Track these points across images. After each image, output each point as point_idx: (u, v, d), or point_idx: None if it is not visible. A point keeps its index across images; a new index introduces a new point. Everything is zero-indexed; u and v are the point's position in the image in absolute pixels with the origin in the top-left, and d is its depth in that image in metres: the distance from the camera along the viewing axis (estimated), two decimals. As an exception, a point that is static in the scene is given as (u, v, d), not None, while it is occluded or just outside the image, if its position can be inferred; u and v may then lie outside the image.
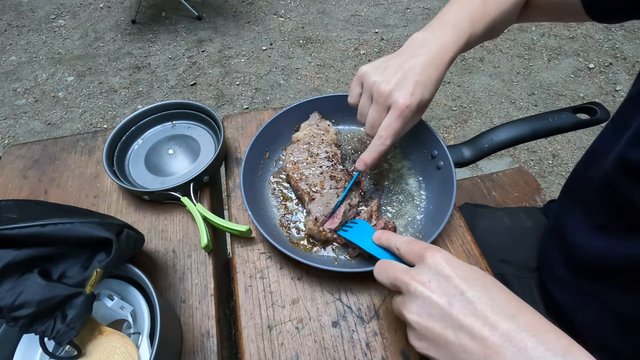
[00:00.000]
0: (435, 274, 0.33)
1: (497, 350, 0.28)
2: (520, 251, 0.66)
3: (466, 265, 0.34)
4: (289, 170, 0.56)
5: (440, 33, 0.48)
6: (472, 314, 0.30)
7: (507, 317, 0.29)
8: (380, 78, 0.47)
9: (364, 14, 2.47)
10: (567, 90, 1.97)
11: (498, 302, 0.31)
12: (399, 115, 0.45)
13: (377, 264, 0.39)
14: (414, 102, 0.45)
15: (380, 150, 0.47)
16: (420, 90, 0.46)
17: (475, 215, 0.72)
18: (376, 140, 0.47)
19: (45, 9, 2.58)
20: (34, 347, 0.42)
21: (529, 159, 1.73)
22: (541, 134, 0.56)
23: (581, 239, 0.52)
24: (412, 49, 0.48)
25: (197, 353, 0.45)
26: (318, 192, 0.53)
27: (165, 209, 0.57)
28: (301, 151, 0.57)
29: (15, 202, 0.43)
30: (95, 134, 0.67)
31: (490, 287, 0.32)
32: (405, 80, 0.45)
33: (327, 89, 2.04)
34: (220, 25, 2.41)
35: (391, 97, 0.45)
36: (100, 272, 0.38)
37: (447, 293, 0.32)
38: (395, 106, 0.45)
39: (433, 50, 0.47)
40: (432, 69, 0.46)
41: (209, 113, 0.62)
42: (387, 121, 0.46)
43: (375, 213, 0.51)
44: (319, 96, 0.62)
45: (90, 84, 2.10)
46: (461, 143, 0.57)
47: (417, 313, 0.33)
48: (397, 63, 0.47)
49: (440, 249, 0.35)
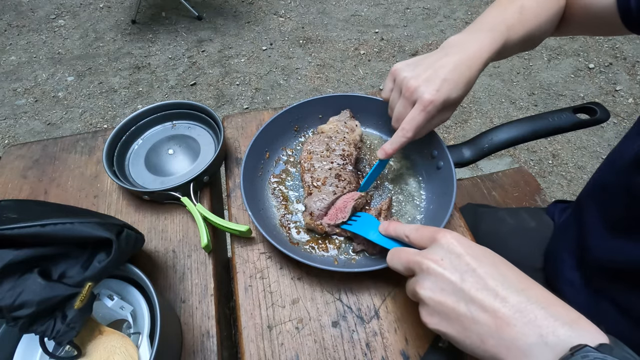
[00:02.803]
0: (447, 253, 0.34)
1: (507, 321, 0.29)
2: (524, 251, 0.66)
3: (477, 245, 0.35)
4: (302, 158, 0.57)
5: (477, 35, 0.49)
6: (484, 288, 0.31)
7: (518, 291, 0.31)
8: (410, 74, 0.48)
9: (364, 14, 2.46)
10: (567, 90, 1.97)
11: (508, 278, 0.32)
12: (422, 109, 0.46)
13: (389, 253, 0.40)
14: (439, 98, 0.46)
15: (401, 142, 0.49)
16: (448, 88, 0.46)
17: (478, 216, 0.72)
18: (399, 132, 0.49)
19: (45, 9, 2.58)
20: (34, 347, 0.42)
21: (529, 159, 1.73)
22: (541, 134, 0.55)
23: (598, 242, 0.52)
24: (447, 48, 0.49)
25: (197, 353, 0.45)
26: (317, 187, 0.53)
27: (165, 209, 0.57)
28: (320, 143, 0.58)
29: (15, 202, 0.43)
30: (95, 134, 0.67)
31: (500, 265, 0.33)
32: (434, 76, 0.46)
33: (327, 89, 2.04)
34: (220, 25, 2.41)
35: (417, 92, 0.46)
36: (92, 286, 0.38)
37: (459, 269, 0.33)
38: (420, 101, 0.46)
39: (468, 50, 0.48)
40: (463, 68, 0.47)
41: (209, 113, 0.62)
42: (411, 115, 0.47)
43: (385, 212, 0.51)
44: (319, 96, 0.62)
45: (90, 84, 2.10)
46: (461, 143, 0.57)
47: (430, 289, 0.34)
48: (429, 61, 0.48)
49: (451, 231, 0.36)
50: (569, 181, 1.64)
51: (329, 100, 0.62)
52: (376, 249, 0.50)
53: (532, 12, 0.51)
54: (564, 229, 0.61)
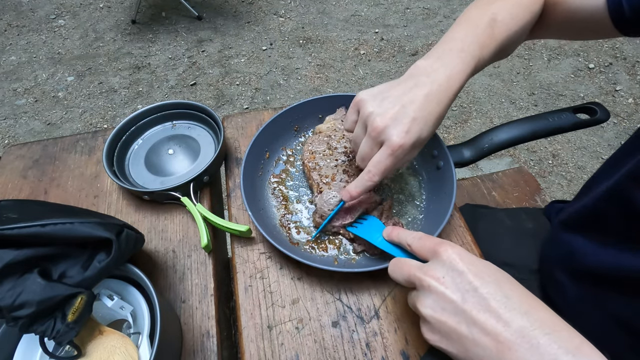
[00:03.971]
0: (449, 270, 0.33)
1: (509, 346, 0.29)
2: (521, 253, 0.66)
3: (479, 261, 0.34)
4: (305, 158, 0.57)
5: (447, 60, 0.45)
6: (486, 309, 0.31)
7: (521, 313, 0.30)
8: (377, 110, 0.43)
9: (364, 14, 2.46)
10: (567, 90, 1.97)
11: (512, 299, 0.31)
12: (391, 153, 0.42)
13: (390, 263, 0.39)
14: (409, 141, 0.41)
15: (367, 185, 0.44)
16: (418, 128, 0.42)
17: (476, 216, 0.72)
18: (364, 175, 0.44)
19: (45, 9, 2.58)
20: (34, 347, 0.42)
21: (529, 159, 1.73)
22: (541, 134, 0.55)
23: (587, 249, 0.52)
24: (416, 77, 0.44)
25: (197, 353, 0.45)
26: (327, 183, 0.53)
27: (165, 209, 0.57)
28: (320, 142, 0.58)
29: (15, 202, 0.43)
30: (95, 134, 0.67)
31: (504, 283, 0.32)
32: (403, 115, 0.42)
33: (327, 89, 2.04)
34: (220, 25, 2.41)
35: (385, 133, 0.42)
36: (84, 299, 0.38)
37: (461, 289, 0.32)
38: (388, 144, 0.42)
39: (438, 81, 0.43)
40: (434, 105, 0.43)
41: (209, 113, 0.62)
42: (378, 157, 0.43)
43: (386, 212, 0.51)
44: (319, 96, 0.62)
45: (90, 84, 2.10)
46: (461, 143, 0.57)
47: (431, 307, 0.33)
48: (396, 94, 0.43)
49: (453, 244, 0.35)
50: (569, 181, 1.65)
51: (329, 100, 0.62)
52: (377, 250, 0.50)
53: (504, 26, 0.48)
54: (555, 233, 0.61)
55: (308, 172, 0.56)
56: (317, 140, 0.58)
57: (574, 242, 0.54)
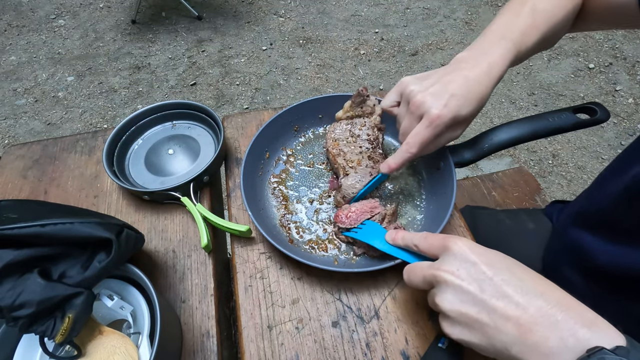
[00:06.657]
0: (462, 262, 0.34)
1: (530, 327, 0.30)
2: (523, 253, 0.65)
3: (488, 250, 0.35)
4: (329, 145, 0.57)
5: (487, 48, 0.47)
6: (504, 296, 0.31)
7: (537, 295, 0.31)
8: (417, 87, 0.46)
9: (364, 14, 2.46)
10: (567, 90, 1.97)
11: (526, 282, 0.32)
12: (428, 124, 0.44)
13: (404, 272, 0.40)
14: (447, 114, 0.43)
15: (405, 157, 0.47)
16: (457, 103, 0.44)
17: (476, 218, 0.72)
18: (403, 147, 0.47)
19: (45, 9, 2.58)
20: (34, 347, 0.42)
21: (529, 159, 1.73)
22: (541, 134, 0.55)
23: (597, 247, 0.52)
24: (458, 63, 0.47)
25: (197, 353, 0.45)
26: (353, 167, 0.54)
27: (165, 209, 0.57)
28: (343, 130, 0.58)
29: (15, 202, 0.43)
30: (95, 134, 0.67)
31: (515, 268, 0.33)
32: (442, 91, 0.44)
33: (327, 89, 2.04)
34: (220, 25, 2.41)
35: (424, 106, 0.44)
36: (72, 319, 0.37)
37: (477, 279, 0.33)
38: (427, 116, 0.44)
39: (480, 65, 0.45)
40: (474, 84, 0.45)
41: (209, 113, 0.62)
42: (417, 129, 0.45)
43: (389, 217, 0.50)
44: (319, 96, 0.62)
45: (90, 84, 2.10)
46: (461, 143, 0.57)
47: (449, 301, 0.34)
48: (438, 75, 0.46)
49: (461, 237, 0.36)
50: (569, 181, 1.64)
51: (329, 100, 0.62)
52: (377, 252, 0.49)
53: (545, 14, 0.49)
54: (561, 233, 0.61)
55: (333, 158, 0.56)
56: (339, 128, 0.58)
57: (582, 239, 0.54)
